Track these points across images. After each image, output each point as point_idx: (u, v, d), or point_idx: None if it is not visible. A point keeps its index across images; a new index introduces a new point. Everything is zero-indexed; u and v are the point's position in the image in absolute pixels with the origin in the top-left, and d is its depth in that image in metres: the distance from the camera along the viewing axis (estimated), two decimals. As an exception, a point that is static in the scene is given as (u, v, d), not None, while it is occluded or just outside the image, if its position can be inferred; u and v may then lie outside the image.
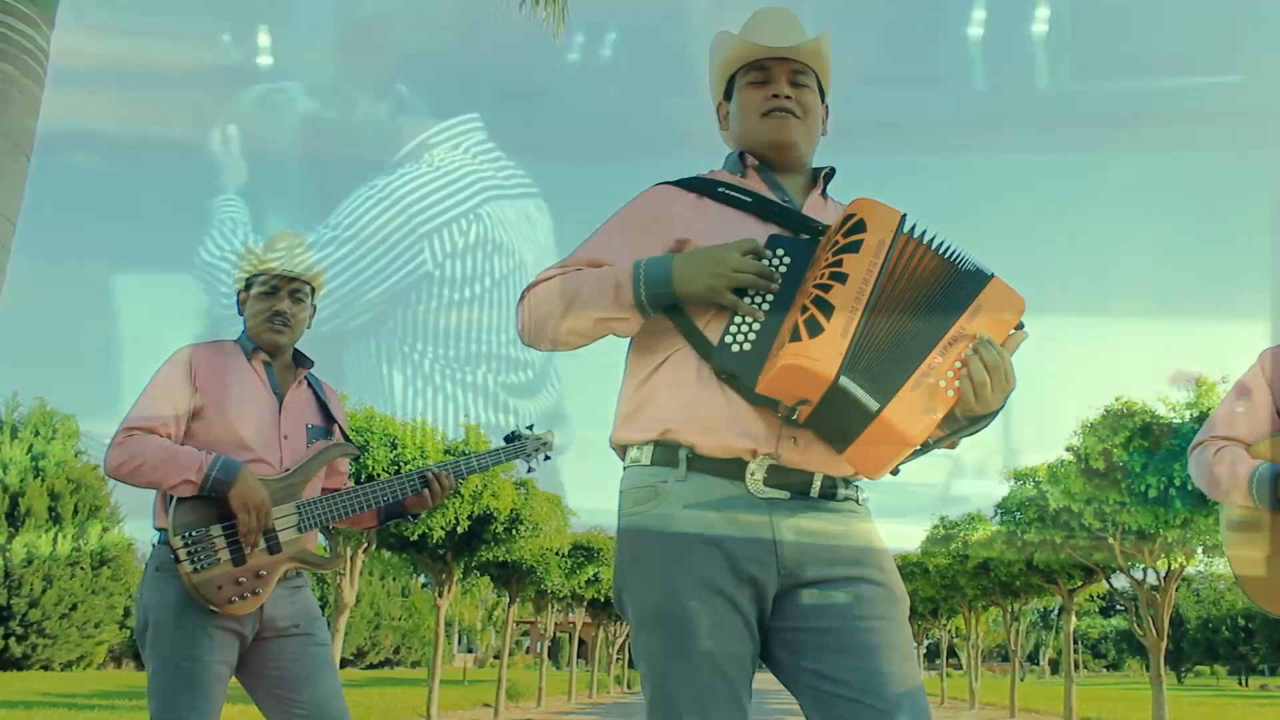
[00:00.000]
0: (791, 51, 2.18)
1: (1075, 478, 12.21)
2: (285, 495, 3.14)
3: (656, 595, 1.92)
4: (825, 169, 2.27)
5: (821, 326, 1.83)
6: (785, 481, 1.95)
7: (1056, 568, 16.79)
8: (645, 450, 2.01)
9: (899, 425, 1.82)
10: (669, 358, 2.02)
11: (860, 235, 1.92)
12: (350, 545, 12.05)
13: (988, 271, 1.96)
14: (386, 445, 10.74)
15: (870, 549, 2.00)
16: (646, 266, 1.99)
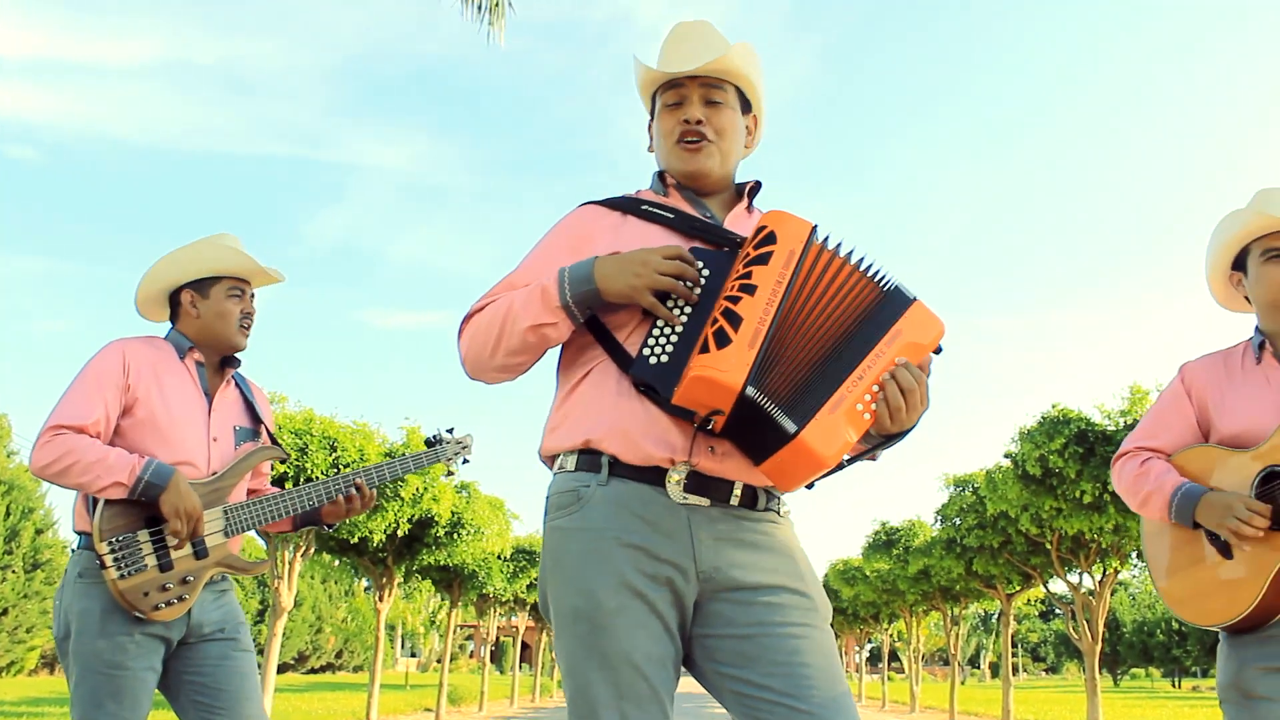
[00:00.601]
0: (699, 73, 2.17)
1: (1012, 484, 12.38)
2: (213, 499, 3.10)
3: (577, 597, 1.93)
4: (750, 183, 2.28)
5: (729, 338, 1.85)
6: (706, 489, 1.97)
7: (995, 573, 16.99)
8: (570, 458, 2.03)
9: (816, 448, 1.84)
10: (591, 370, 2.05)
11: (770, 247, 1.94)
12: (288, 549, 11.92)
13: (910, 295, 1.98)
14: (326, 448, 10.64)
15: (790, 558, 2.02)
16: (571, 269, 2.02)
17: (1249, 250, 2.89)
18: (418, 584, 19.60)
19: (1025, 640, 76.04)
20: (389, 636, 55.34)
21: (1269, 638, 2.68)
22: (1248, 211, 2.86)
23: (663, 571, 1.93)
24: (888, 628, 31.91)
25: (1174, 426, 2.98)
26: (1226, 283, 2.99)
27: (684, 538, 1.94)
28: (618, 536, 1.92)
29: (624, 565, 1.91)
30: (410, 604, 43.79)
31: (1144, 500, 2.92)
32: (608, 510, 1.95)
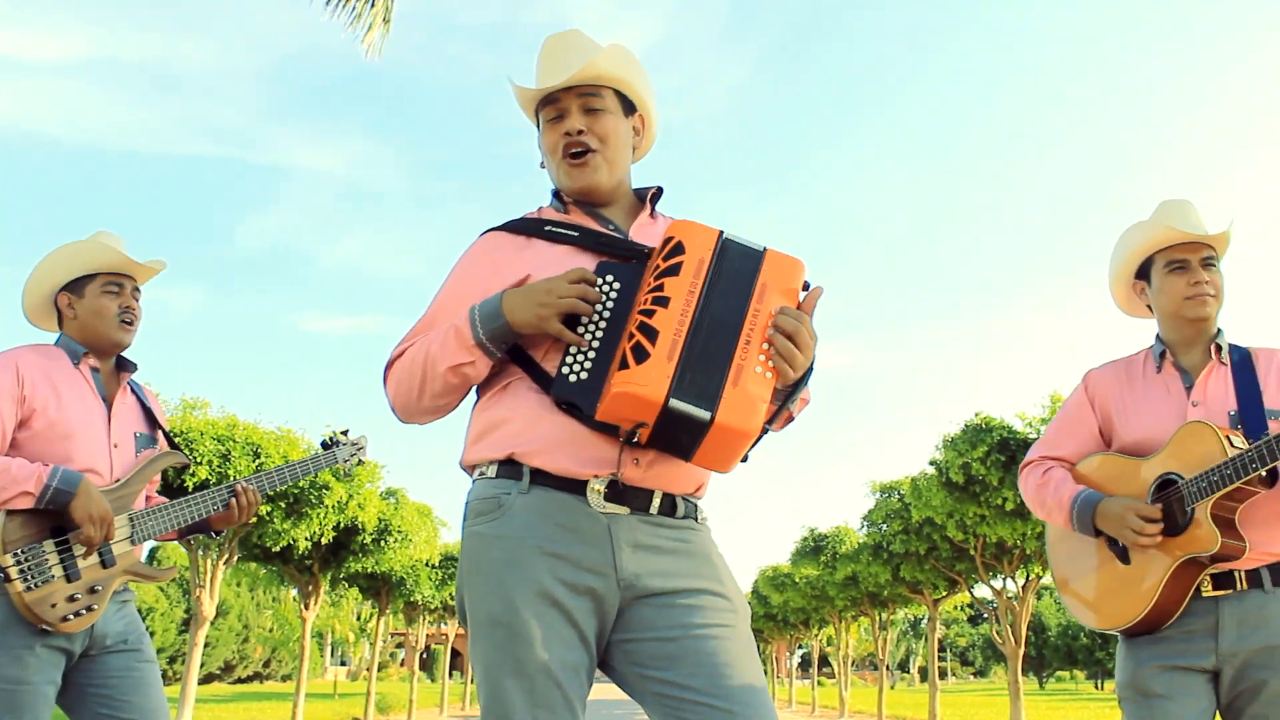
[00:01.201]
0: (570, 82, 2.16)
1: (937, 491, 12.54)
2: (118, 506, 3.03)
3: (493, 604, 1.94)
4: (651, 190, 2.29)
5: (647, 352, 1.87)
6: (625, 498, 1.98)
7: (921, 578, 17.20)
8: (491, 466, 2.03)
9: (735, 424, 1.86)
10: (510, 383, 2.06)
11: (679, 258, 1.96)
12: (210, 557, 11.74)
13: (759, 247, 2.01)
14: (249, 454, 10.51)
15: (709, 562, 2.05)
16: (480, 306, 2.03)
17: (1153, 260, 2.96)
18: (345, 592, 19.37)
19: (954, 645, 76.97)
20: (318, 645, 54.69)
21: (1164, 638, 2.75)
22: (1152, 223, 2.94)
23: (583, 580, 1.94)
24: (817, 633, 32.16)
25: (1078, 434, 3.04)
26: (1129, 290, 3.06)
27: (605, 546, 1.95)
28: (539, 545, 1.93)
29: (543, 574, 1.92)
30: (338, 612, 43.31)
31: (1048, 510, 2.99)
32: (529, 518, 1.96)
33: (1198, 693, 2.71)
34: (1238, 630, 2.67)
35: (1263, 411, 2.77)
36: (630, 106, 2.25)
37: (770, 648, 40.62)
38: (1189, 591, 2.71)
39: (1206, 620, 2.70)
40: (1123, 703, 2.83)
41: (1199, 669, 2.71)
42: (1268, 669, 2.64)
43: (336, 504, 11.70)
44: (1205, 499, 2.65)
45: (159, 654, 37.75)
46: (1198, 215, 2.91)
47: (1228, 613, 2.69)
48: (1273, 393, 2.81)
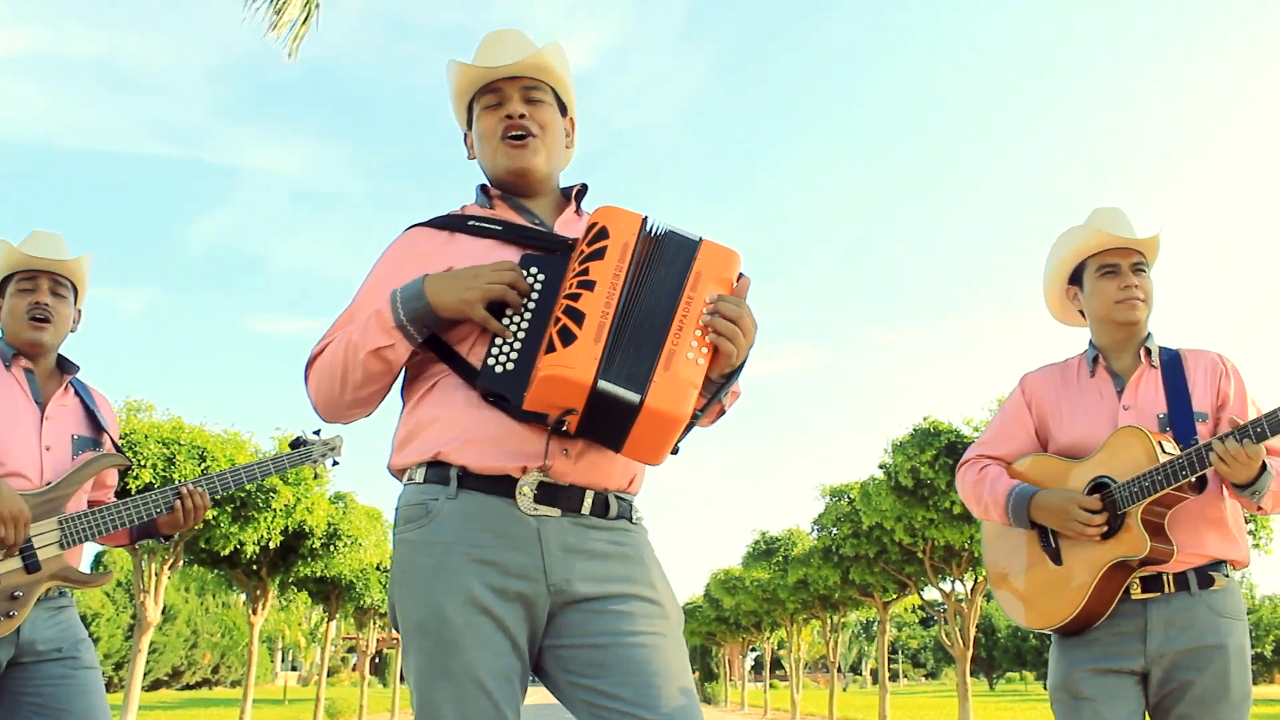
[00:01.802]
0: (518, 68, 2.18)
1: (886, 495, 12.63)
2: (47, 510, 2.97)
3: (422, 612, 1.92)
4: (576, 186, 2.29)
5: (574, 335, 1.86)
6: (556, 499, 1.97)
7: (872, 581, 17.31)
8: (419, 470, 2.01)
9: (664, 408, 1.84)
10: (437, 383, 2.03)
11: (604, 242, 1.96)
12: (155, 562, 11.59)
13: (695, 237, 2.01)
14: (195, 458, 10.38)
15: (642, 565, 2.03)
16: (402, 288, 2.01)
17: (1085, 266, 3.00)
18: (294, 596, 19.20)
19: (906, 647, 77.53)
20: (268, 650, 54.16)
21: (1094, 640, 2.79)
22: (1084, 229, 2.98)
23: (513, 586, 1.92)
24: (769, 636, 32.28)
25: (1015, 436, 3.08)
26: (1063, 297, 3.11)
27: (534, 550, 1.93)
28: (467, 551, 1.91)
29: (472, 581, 1.90)
30: (288, 616, 42.90)
31: (984, 506, 3.02)
32: (457, 524, 1.93)
33: (1126, 695, 2.75)
34: (1165, 632, 2.71)
35: (1191, 413, 2.82)
36: (563, 109, 2.28)
37: (723, 651, 40.76)
38: (1118, 593, 2.75)
39: (1135, 622, 2.74)
40: (1054, 704, 2.87)
41: (1128, 671, 2.75)
42: (1193, 670, 2.68)
43: (284, 508, 11.59)
44: (1136, 503, 2.70)
45: (104, 660, 37.24)
46: (1128, 221, 2.96)
47: (1155, 615, 2.73)
48: (1200, 394, 2.86)
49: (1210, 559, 2.75)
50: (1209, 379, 2.89)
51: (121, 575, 37.15)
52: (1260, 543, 12.34)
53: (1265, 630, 38.95)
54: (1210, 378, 2.89)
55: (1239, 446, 2.55)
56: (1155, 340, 2.97)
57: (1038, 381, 3.09)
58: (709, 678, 46.28)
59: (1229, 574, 2.78)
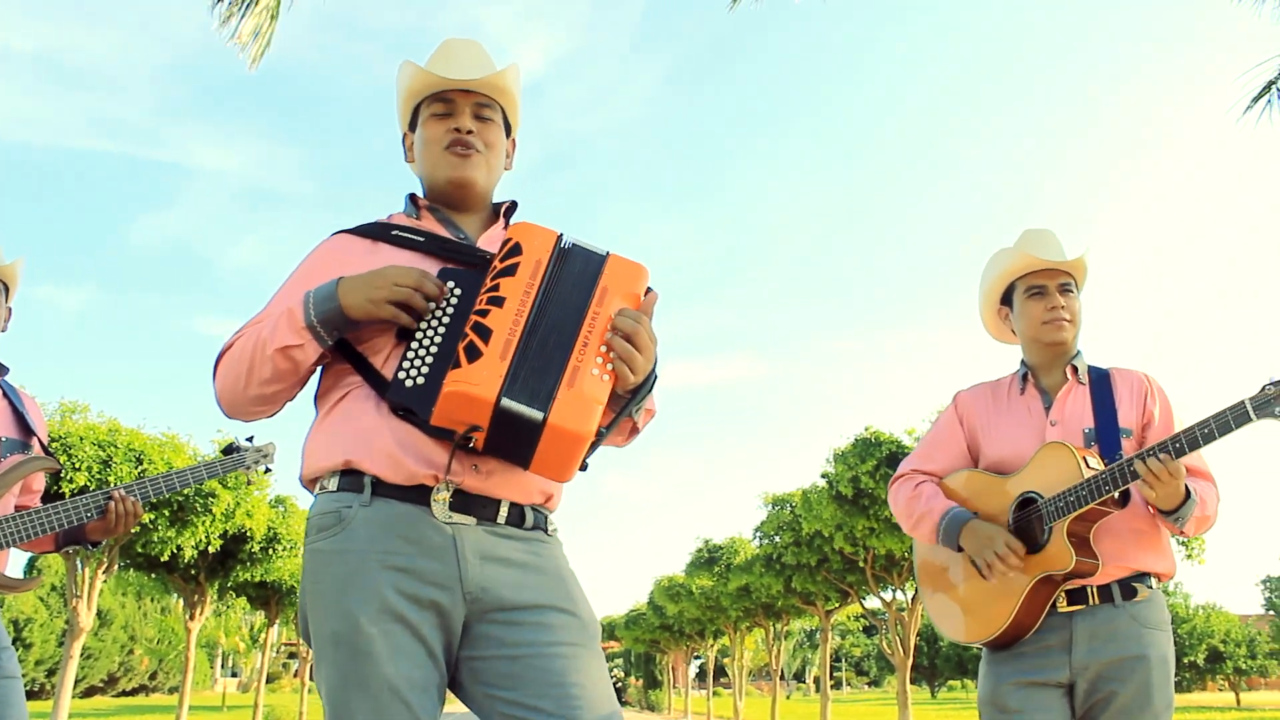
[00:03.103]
0: (476, 84, 2.18)
1: (827, 504, 12.71)
2: None
3: (337, 622, 1.88)
4: (506, 203, 2.29)
5: (480, 351, 1.85)
6: (471, 507, 1.95)
7: (814, 590, 17.40)
8: (332, 479, 1.98)
9: (568, 426, 1.84)
10: (349, 393, 2.01)
11: (516, 259, 1.96)
12: (90, 566, 11.39)
13: (602, 251, 2.02)
14: (131, 460, 10.22)
15: (559, 577, 2.02)
16: (315, 290, 2.00)
17: (1014, 287, 3.05)
18: (233, 601, 18.96)
19: (849, 655, 77.99)
20: (208, 656, 53.38)
21: (1021, 653, 2.82)
22: (1012, 251, 3.03)
23: (427, 594, 1.89)
24: (713, 644, 32.34)
25: (948, 451, 3.12)
26: (996, 316, 3.15)
27: (450, 558, 1.91)
28: (381, 559, 1.88)
29: (386, 589, 1.87)
30: (226, 622, 42.33)
31: (916, 523, 3.05)
32: (370, 531, 1.90)
33: (1052, 707, 2.78)
34: (1089, 644, 2.75)
35: (1117, 430, 2.87)
36: (507, 129, 2.28)
37: (667, 658, 40.77)
38: (1045, 607, 2.78)
39: (1061, 635, 2.78)
40: (983, 717, 2.90)
41: (1054, 683, 2.79)
42: (1117, 681, 2.72)
43: (224, 512, 11.44)
44: (1061, 518, 2.73)
45: (37, 667, 36.47)
46: (1057, 242, 3.01)
47: (1080, 627, 2.77)
48: (1126, 411, 2.91)
49: (1135, 571, 2.80)
50: (1135, 397, 2.94)
51: (56, 579, 36.48)
52: (1193, 553, 12.56)
53: (1198, 639, 39.42)
54: (1136, 396, 2.95)
55: (1160, 465, 2.59)
56: (1084, 358, 3.02)
57: (970, 399, 3.14)
58: (653, 685, 46.31)
59: (1153, 585, 2.82)
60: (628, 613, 38.07)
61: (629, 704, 51.32)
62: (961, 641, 3.01)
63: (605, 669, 2.02)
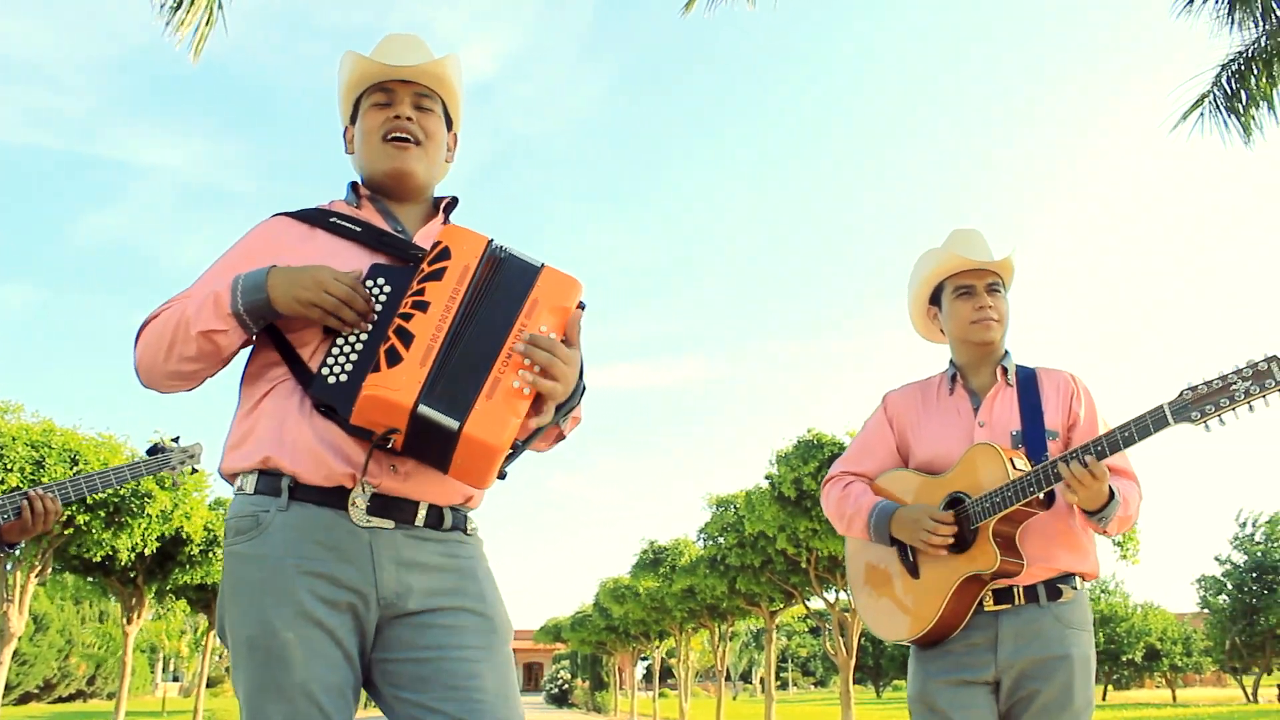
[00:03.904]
0: (415, 73, 2.18)
1: (769, 505, 12.77)
2: None
3: (252, 627, 1.88)
4: (446, 198, 2.28)
5: (400, 356, 1.85)
6: (389, 510, 1.95)
7: (758, 591, 17.48)
8: (249, 479, 1.97)
9: (482, 437, 1.84)
10: (274, 387, 2.00)
11: (444, 263, 1.96)
12: (22, 570, 11.17)
13: (536, 264, 2.02)
14: (66, 461, 10.05)
15: (474, 579, 2.02)
16: (245, 276, 1.99)
17: (943, 287, 3.08)
18: (172, 604, 18.71)
19: (795, 655, 78.38)
20: (149, 660, 52.61)
21: (949, 652, 2.85)
22: (940, 251, 3.05)
23: (343, 597, 1.90)
24: (659, 645, 32.39)
25: (877, 452, 3.14)
26: (925, 316, 3.18)
27: (365, 562, 1.91)
28: (297, 564, 1.88)
29: (303, 593, 1.87)
30: (168, 625, 41.74)
31: (848, 522, 3.07)
32: (287, 536, 1.90)
33: (980, 704, 2.81)
34: (1014, 643, 2.78)
35: (1043, 431, 2.90)
36: (449, 123, 2.28)
37: (613, 659, 40.78)
38: (972, 606, 2.81)
39: (987, 634, 2.81)
40: (912, 715, 2.92)
41: (981, 681, 2.81)
42: (1040, 679, 2.75)
43: (161, 514, 11.28)
44: (987, 519, 2.76)
45: (-30, 671, 35.79)
46: (984, 243, 3.04)
47: (1006, 626, 2.80)
48: (1052, 413, 2.94)
49: (1060, 572, 2.83)
50: (1061, 398, 2.98)
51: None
52: (1127, 553, 12.76)
53: (1136, 637, 40.10)
54: (1062, 397, 2.98)
55: (1082, 467, 2.63)
56: (1012, 359, 3.05)
57: (899, 399, 3.16)
58: (599, 686, 46.28)
59: (1077, 586, 2.86)
60: (574, 614, 38.04)
61: (575, 705, 51.27)
62: (890, 640, 3.03)
63: (513, 674, 2.03)
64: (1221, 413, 2.50)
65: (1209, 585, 36.60)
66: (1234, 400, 2.48)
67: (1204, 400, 2.52)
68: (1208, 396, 2.51)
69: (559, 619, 43.68)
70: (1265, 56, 8.66)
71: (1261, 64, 8.73)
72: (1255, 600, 34.68)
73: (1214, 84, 8.98)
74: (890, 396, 3.19)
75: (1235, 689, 41.87)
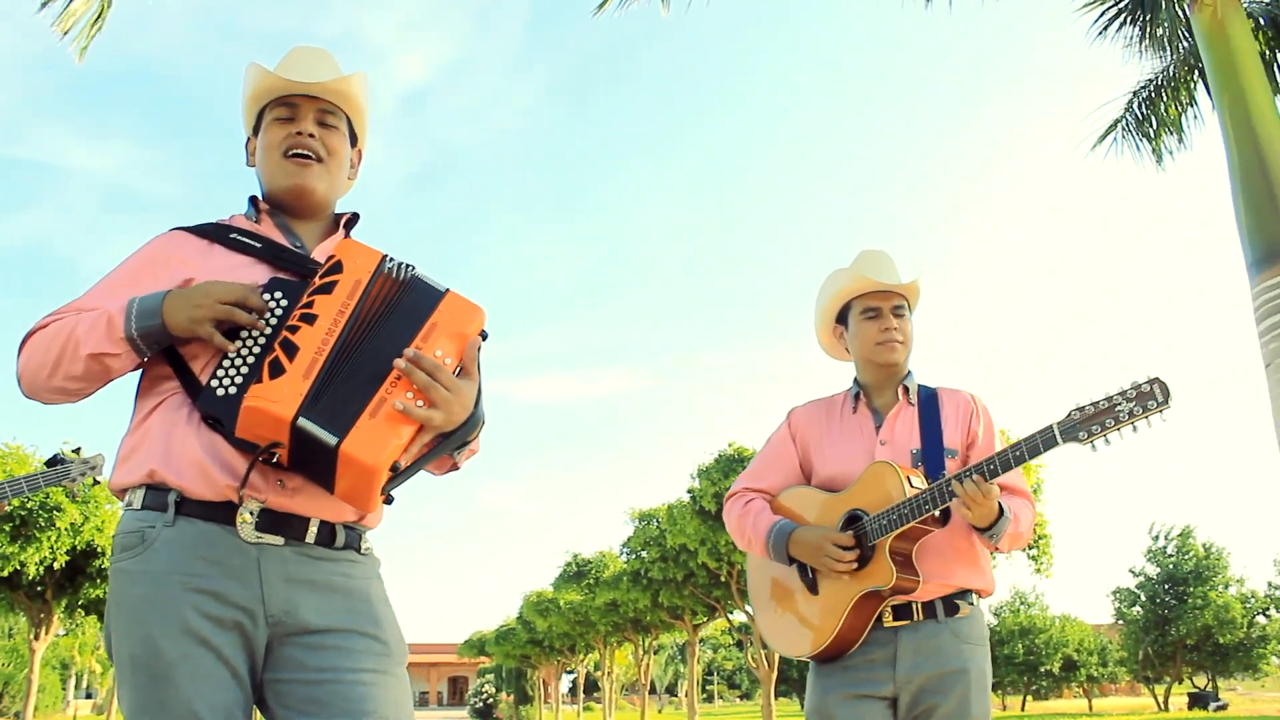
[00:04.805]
0: (319, 89, 2.16)
1: (690, 518, 12.80)
2: None
3: (136, 645, 1.85)
4: (347, 215, 2.26)
5: (284, 368, 1.84)
6: (279, 526, 1.92)
7: (681, 604, 17.51)
8: (137, 494, 1.94)
9: (360, 456, 1.81)
10: (165, 400, 1.97)
11: (336, 277, 1.94)
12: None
13: (441, 288, 2.01)
14: (-30, 473, 9.80)
15: (367, 600, 2.00)
16: (140, 300, 1.95)
17: (850, 307, 3.12)
18: (83, 620, 18.24)
19: (721, 668, 78.58)
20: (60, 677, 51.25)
21: (848, 667, 2.88)
22: (848, 272, 3.09)
23: (231, 615, 1.87)
24: (584, 658, 32.30)
25: (780, 468, 3.17)
26: (831, 334, 3.22)
27: (253, 580, 1.89)
28: (183, 581, 1.85)
29: (188, 611, 1.84)
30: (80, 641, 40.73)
31: (748, 540, 3.09)
32: (174, 552, 1.87)
33: (877, 719, 2.85)
34: (913, 658, 2.82)
35: (942, 450, 2.95)
36: (353, 140, 2.26)
37: (538, 673, 40.56)
38: (870, 622, 2.85)
39: (886, 650, 2.85)
40: None
41: (879, 696, 2.85)
42: (938, 694, 2.80)
43: (70, 526, 11.02)
44: (884, 536, 2.80)
45: None
46: (892, 265, 3.08)
47: (905, 642, 2.83)
48: (951, 431, 2.99)
49: (957, 588, 2.87)
50: (960, 417, 3.03)
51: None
52: (1041, 568, 12.98)
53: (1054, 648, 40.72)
54: (961, 416, 3.03)
55: (975, 487, 2.68)
56: (914, 379, 3.09)
57: (803, 415, 3.19)
58: (524, 700, 45.95)
59: (973, 602, 2.91)
60: (498, 628, 37.79)
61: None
62: (791, 655, 3.06)
63: (408, 695, 2.01)
64: (1107, 433, 2.56)
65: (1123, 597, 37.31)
66: (1118, 421, 2.55)
67: (1091, 420, 2.58)
68: (1094, 417, 2.58)
69: (483, 632, 43.34)
70: (1173, 85, 8.90)
71: (1170, 92, 8.97)
72: (1167, 611, 35.40)
73: (1126, 110, 9.20)
74: (795, 412, 3.22)
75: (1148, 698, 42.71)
